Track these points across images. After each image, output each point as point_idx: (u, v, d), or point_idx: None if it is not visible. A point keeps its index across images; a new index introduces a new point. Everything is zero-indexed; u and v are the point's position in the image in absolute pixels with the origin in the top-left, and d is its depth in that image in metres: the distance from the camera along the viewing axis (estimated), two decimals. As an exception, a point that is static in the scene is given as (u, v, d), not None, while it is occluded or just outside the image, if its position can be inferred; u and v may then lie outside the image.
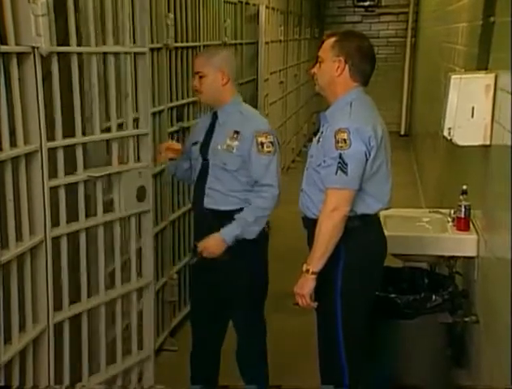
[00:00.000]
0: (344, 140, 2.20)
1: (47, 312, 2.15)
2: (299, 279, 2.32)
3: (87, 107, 2.39)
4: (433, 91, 5.19)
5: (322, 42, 2.40)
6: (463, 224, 2.98)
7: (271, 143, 2.52)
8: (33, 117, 2.03)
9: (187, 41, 3.88)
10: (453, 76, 2.77)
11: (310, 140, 10.00)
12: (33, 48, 1.98)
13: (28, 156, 2.04)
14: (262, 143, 2.51)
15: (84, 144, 2.34)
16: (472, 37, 3.31)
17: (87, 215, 2.36)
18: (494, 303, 2.53)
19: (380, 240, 2.46)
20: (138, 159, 2.59)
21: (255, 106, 5.68)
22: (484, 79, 2.63)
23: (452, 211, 3.06)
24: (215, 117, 2.63)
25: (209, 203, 2.58)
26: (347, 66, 2.30)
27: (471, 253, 2.92)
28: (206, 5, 4.27)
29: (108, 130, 2.47)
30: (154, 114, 3.17)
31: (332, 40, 2.34)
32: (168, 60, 3.52)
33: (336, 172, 2.21)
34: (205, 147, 2.61)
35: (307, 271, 2.27)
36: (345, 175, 2.21)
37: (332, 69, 2.31)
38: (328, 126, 2.31)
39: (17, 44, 1.94)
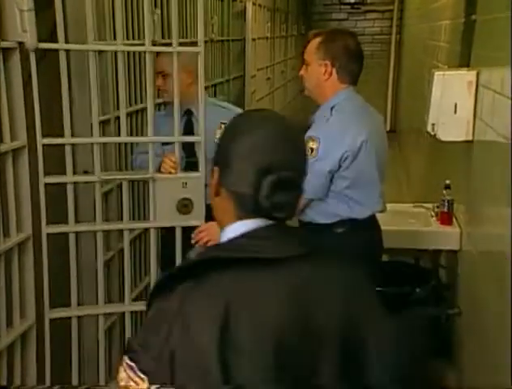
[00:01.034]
0: (312, 150, 2.15)
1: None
2: None
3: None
4: (418, 88, 5.21)
5: (308, 42, 2.34)
6: (446, 218, 3.00)
7: None
8: (19, 113, 2.01)
9: (170, 38, 3.86)
10: (436, 72, 2.78)
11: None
12: (19, 43, 1.95)
13: (16, 152, 2.02)
14: None
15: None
16: (455, 35, 3.33)
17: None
18: (476, 295, 2.55)
19: (371, 242, 2.42)
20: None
21: (242, 102, 5.69)
22: (466, 76, 2.64)
23: (435, 206, 3.08)
24: (189, 114, 2.60)
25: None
26: (334, 69, 2.26)
27: (454, 246, 2.94)
28: (193, 1, 4.25)
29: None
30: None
31: (317, 41, 2.27)
32: (155, 57, 3.49)
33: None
34: (190, 145, 2.54)
35: None
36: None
37: (319, 73, 2.26)
38: (318, 135, 2.22)
39: (3, 39, 1.91)
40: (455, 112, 2.67)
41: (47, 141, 2.12)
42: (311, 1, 10.42)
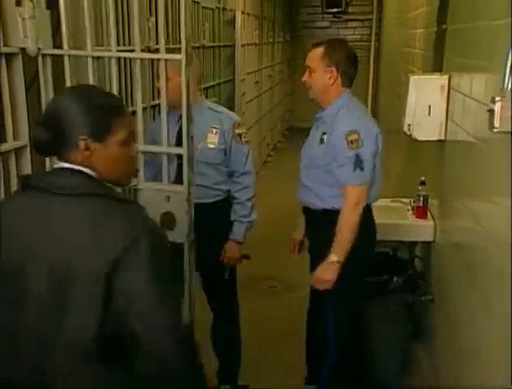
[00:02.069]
0: (357, 140, 2.24)
1: None
2: (321, 268, 2.33)
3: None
4: (395, 91, 5.23)
5: (309, 51, 2.40)
6: (421, 212, 3.01)
7: (246, 133, 2.57)
8: (22, 114, 2.00)
9: (168, 43, 3.85)
10: (412, 77, 2.79)
11: (284, 136, 10.03)
12: (21, 49, 1.94)
13: (18, 151, 2.00)
14: (239, 134, 2.51)
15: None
16: (428, 42, 3.34)
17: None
18: (447, 283, 2.57)
19: (374, 224, 2.52)
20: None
21: (232, 104, 5.69)
22: (439, 80, 2.65)
23: (412, 201, 3.09)
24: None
25: (198, 198, 2.47)
26: (338, 75, 2.35)
27: (429, 238, 2.95)
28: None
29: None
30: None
31: (321, 50, 2.34)
32: (150, 61, 3.49)
33: (354, 169, 2.26)
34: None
35: (333, 260, 2.29)
36: (362, 171, 2.26)
37: (325, 78, 2.35)
38: (331, 129, 2.31)
39: (5, 45, 1.90)
40: (429, 113, 2.68)
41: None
42: (296, 10, 10.43)
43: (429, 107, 2.68)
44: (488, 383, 1.77)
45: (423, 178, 2.98)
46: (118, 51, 2.13)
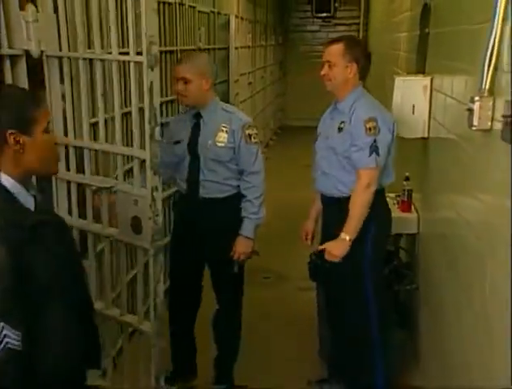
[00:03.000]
0: (374, 127, 2.30)
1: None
2: (334, 243, 2.35)
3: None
4: (382, 91, 5.24)
5: (327, 47, 2.44)
6: (406, 205, 3.01)
7: (257, 134, 2.54)
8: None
9: (165, 46, 3.84)
10: (397, 78, 2.79)
11: (275, 134, 9.99)
12: (25, 51, 1.94)
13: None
14: (249, 135, 2.49)
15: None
16: (412, 45, 3.34)
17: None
18: (430, 272, 2.58)
19: (387, 204, 2.57)
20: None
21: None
22: (422, 81, 2.66)
23: (397, 195, 3.09)
24: (198, 116, 2.52)
25: (205, 193, 2.50)
26: (358, 70, 2.40)
27: (413, 230, 2.96)
28: (183, 13, 4.23)
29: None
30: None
31: (341, 46, 2.38)
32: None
33: (370, 154, 2.30)
34: (193, 144, 2.50)
35: (345, 238, 2.32)
36: (378, 156, 2.30)
37: (346, 72, 2.39)
38: (349, 118, 2.35)
39: (10, 47, 1.90)
40: (413, 112, 2.69)
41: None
42: (287, 14, 10.41)
43: (413, 106, 2.68)
44: (470, 361, 1.79)
45: (407, 174, 2.99)
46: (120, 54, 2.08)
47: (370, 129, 2.29)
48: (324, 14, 9.90)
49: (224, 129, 2.47)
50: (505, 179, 1.48)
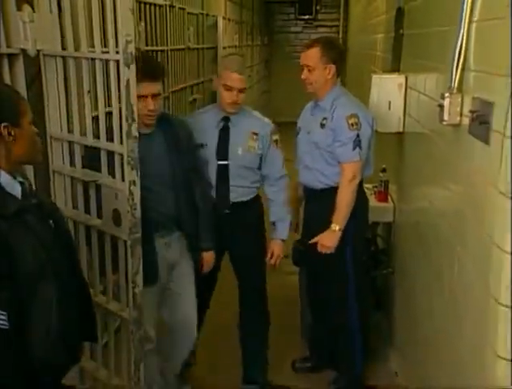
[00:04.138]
0: (356, 123, 2.29)
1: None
2: (326, 235, 2.34)
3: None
4: (360, 89, 5.25)
5: (305, 51, 2.38)
6: (383, 196, 3.04)
7: (279, 139, 2.41)
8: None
9: (156, 45, 3.82)
10: (374, 76, 2.81)
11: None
12: (22, 50, 1.92)
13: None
14: (276, 141, 2.38)
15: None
16: (387, 46, 3.36)
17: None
18: (405, 258, 2.62)
19: (365, 194, 2.56)
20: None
21: (216, 100, 5.64)
22: (397, 79, 2.68)
23: (374, 186, 3.12)
24: (226, 120, 2.32)
25: (235, 197, 2.35)
26: (335, 69, 2.37)
27: (389, 219, 2.99)
28: (173, 14, 4.20)
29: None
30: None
31: (318, 50, 2.34)
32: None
33: (354, 148, 2.30)
34: (222, 150, 2.31)
35: (335, 229, 2.32)
36: (361, 150, 2.31)
37: (325, 74, 2.36)
38: (331, 114, 2.33)
39: (8, 46, 1.88)
40: (389, 108, 2.71)
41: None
42: (272, 16, 10.40)
43: (389, 103, 2.70)
44: (441, 344, 1.82)
45: (384, 166, 3.01)
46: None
47: (353, 124, 2.29)
48: (306, 17, 9.96)
49: (255, 135, 2.32)
50: (472, 170, 1.50)
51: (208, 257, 2.29)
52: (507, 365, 1.25)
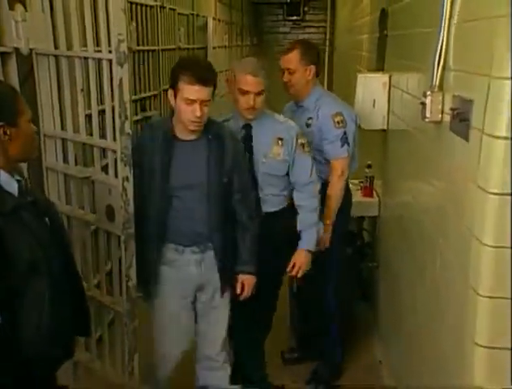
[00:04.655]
0: (342, 121, 2.29)
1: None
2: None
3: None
4: (346, 88, 5.27)
5: (286, 54, 2.36)
6: (368, 191, 3.05)
7: (307, 142, 2.19)
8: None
9: (148, 45, 3.80)
10: (359, 75, 2.82)
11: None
12: (15, 48, 1.90)
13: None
14: (302, 144, 2.15)
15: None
16: (372, 46, 3.37)
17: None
18: (389, 251, 2.63)
19: (350, 190, 2.56)
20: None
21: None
22: (381, 78, 2.69)
23: (360, 181, 3.13)
24: (247, 128, 2.13)
25: (267, 207, 2.17)
26: (315, 69, 2.37)
27: (374, 213, 3.00)
28: (164, 15, 4.18)
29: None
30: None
31: (297, 53, 2.33)
32: (131, 60, 3.43)
33: (342, 145, 2.30)
34: (247, 159, 2.11)
35: (328, 223, 2.31)
36: (348, 146, 2.31)
37: (305, 75, 2.35)
38: (315, 114, 2.32)
39: (1, 45, 1.86)
40: (374, 106, 2.72)
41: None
42: (261, 17, 10.39)
43: (374, 101, 2.71)
44: (423, 333, 1.84)
45: (369, 162, 3.02)
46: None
47: (338, 122, 2.29)
48: (294, 18, 9.99)
49: (280, 141, 2.11)
50: (453, 166, 1.52)
51: (249, 281, 2.04)
52: (484, 352, 1.27)
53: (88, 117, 2.10)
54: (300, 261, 2.17)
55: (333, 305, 2.51)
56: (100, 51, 1.92)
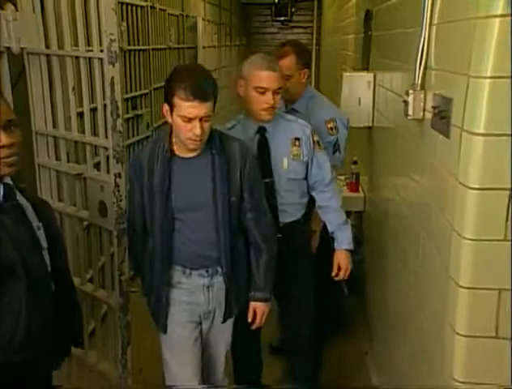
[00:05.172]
0: (335, 127, 2.22)
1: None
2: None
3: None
4: (333, 86, 5.28)
5: (281, 59, 2.16)
6: (354, 186, 3.06)
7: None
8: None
9: (138, 44, 3.77)
10: (345, 74, 2.83)
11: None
12: (6, 48, 1.87)
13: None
14: (318, 142, 1.99)
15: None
16: (357, 46, 3.38)
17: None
18: (375, 244, 2.65)
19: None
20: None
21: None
22: (366, 77, 2.70)
23: (346, 177, 3.13)
24: (262, 131, 1.93)
25: (285, 217, 1.98)
26: (308, 71, 2.33)
27: (360, 208, 3.02)
28: (154, 15, 4.15)
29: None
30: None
31: (293, 58, 2.21)
32: (122, 59, 3.41)
33: (334, 152, 2.24)
34: (264, 167, 1.87)
35: (316, 230, 2.19)
36: (340, 153, 2.26)
37: (301, 79, 2.29)
38: (307, 117, 2.15)
39: (-8, 44, 1.83)
40: (359, 104, 2.73)
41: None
42: (249, 18, 10.38)
43: (359, 99, 2.72)
44: (407, 324, 1.86)
45: (355, 158, 3.03)
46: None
47: (332, 129, 2.24)
48: (282, 18, 10.01)
49: (297, 141, 1.94)
50: (435, 162, 1.53)
51: (262, 309, 1.80)
52: (464, 341, 1.28)
53: (80, 115, 2.09)
54: (344, 262, 2.00)
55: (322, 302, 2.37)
56: (91, 50, 1.90)
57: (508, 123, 1.16)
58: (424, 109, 1.59)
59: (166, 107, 1.57)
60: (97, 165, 2.07)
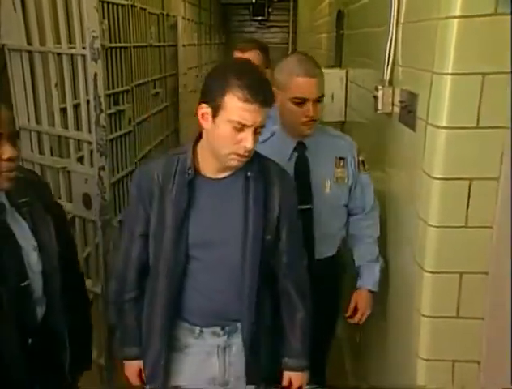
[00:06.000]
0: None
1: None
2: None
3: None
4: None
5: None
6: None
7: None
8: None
9: (120, 42, 3.71)
10: (318, 71, 2.83)
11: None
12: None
13: None
14: (363, 162, 1.67)
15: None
16: (330, 44, 3.39)
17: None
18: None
19: None
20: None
21: (177, 94, 5.57)
22: (339, 74, 2.71)
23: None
24: (301, 148, 1.59)
25: (323, 252, 1.64)
26: None
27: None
28: (135, 14, 4.09)
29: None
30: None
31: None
32: (104, 56, 3.34)
33: None
34: (303, 190, 1.52)
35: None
36: None
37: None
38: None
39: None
40: (332, 100, 2.74)
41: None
42: (228, 17, 10.31)
43: (332, 95, 2.73)
44: (378, 307, 1.88)
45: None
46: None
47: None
48: (260, 18, 10.00)
49: (341, 161, 1.60)
50: (403, 154, 1.55)
51: (299, 380, 1.38)
52: (428, 322, 1.31)
53: (63, 110, 2.05)
54: (363, 304, 1.64)
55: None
56: (73, 47, 1.87)
57: (468, 116, 1.18)
58: (392, 104, 1.60)
59: (206, 109, 1.16)
60: (80, 159, 2.04)
